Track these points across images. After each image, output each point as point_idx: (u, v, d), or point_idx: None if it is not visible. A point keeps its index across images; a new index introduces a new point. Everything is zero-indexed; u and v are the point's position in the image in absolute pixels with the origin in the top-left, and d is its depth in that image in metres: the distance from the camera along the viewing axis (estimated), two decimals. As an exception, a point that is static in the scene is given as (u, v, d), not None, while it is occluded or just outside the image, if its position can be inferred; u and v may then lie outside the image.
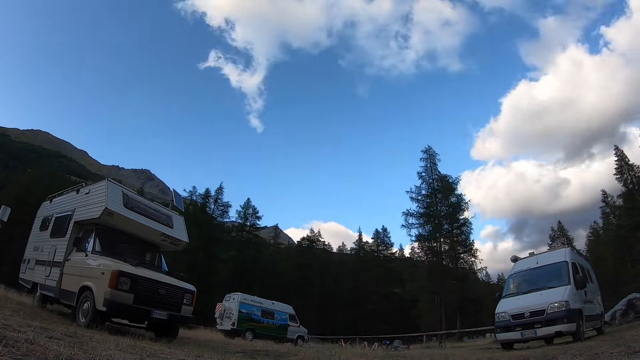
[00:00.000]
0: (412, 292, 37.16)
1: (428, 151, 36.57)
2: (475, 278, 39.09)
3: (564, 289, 8.45)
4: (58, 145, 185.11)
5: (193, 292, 7.39)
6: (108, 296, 5.96)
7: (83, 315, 6.40)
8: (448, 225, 34.38)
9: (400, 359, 8.32)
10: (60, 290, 7.41)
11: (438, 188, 35.33)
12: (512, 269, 10.67)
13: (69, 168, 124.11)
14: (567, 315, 7.94)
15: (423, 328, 30.49)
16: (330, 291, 48.49)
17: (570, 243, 45.63)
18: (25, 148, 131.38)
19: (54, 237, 8.71)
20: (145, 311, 6.40)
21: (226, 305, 18.51)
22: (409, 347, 20.68)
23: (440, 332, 26.00)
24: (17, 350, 2.62)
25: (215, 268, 39.73)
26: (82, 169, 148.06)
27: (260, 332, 17.52)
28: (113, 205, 7.57)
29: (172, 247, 9.16)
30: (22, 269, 9.91)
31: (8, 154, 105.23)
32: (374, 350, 13.02)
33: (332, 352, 7.38)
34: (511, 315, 8.79)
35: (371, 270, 48.00)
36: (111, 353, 3.25)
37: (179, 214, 9.95)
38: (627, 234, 35.37)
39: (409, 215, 35.07)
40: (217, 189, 43.93)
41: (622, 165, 37.63)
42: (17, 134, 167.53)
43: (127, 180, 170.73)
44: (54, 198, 10.01)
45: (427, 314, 34.39)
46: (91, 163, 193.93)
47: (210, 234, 39.39)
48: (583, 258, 12.35)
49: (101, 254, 7.11)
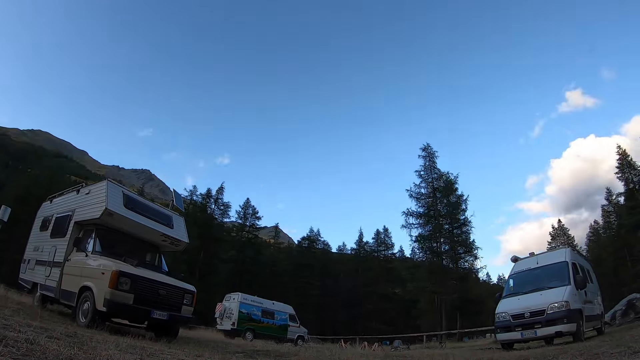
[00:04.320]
0: (413, 292, 37.07)
1: (427, 149, 36.37)
2: (476, 278, 39.06)
3: (564, 289, 8.46)
4: (58, 145, 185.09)
5: (193, 292, 7.38)
6: (108, 296, 5.96)
7: (83, 316, 6.40)
8: (448, 225, 34.34)
9: (400, 359, 8.33)
10: (60, 290, 7.41)
11: (438, 187, 35.28)
12: (512, 269, 10.66)
13: (69, 168, 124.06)
14: (567, 316, 7.94)
15: (423, 328, 30.49)
16: (331, 291, 48.45)
17: (571, 243, 45.65)
18: (26, 148, 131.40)
19: (54, 237, 8.70)
20: (146, 311, 6.39)
21: (226, 305, 18.51)
22: (409, 347, 20.66)
23: (440, 332, 26.00)
24: (17, 350, 2.62)
25: (215, 268, 39.76)
26: (82, 169, 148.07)
27: (261, 332, 17.52)
28: (113, 205, 7.56)
29: (172, 248, 9.16)
30: (22, 269, 9.91)
31: (8, 154, 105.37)
32: (374, 350, 13.03)
33: (332, 352, 7.38)
34: (511, 315, 8.79)
35: (371, 270, 47.98)
36: (111, 353, 3.25)
37: (179, 214, 9.95)
38: (627, 233, 35.31)
39: (408, 215, 35.04)
40: (217, 189, 44.01)
41: (624, 163, 37.46)
42: (17, 134, 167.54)
43: (128, 180, 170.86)
44: (54, 198, 10.01)
45: (427, 314, 34.36)
46: (91, 163, 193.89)
47: (211, 234, 39.38)
48: (583, 258, 12.34)
49: (101, 254, 7.11)
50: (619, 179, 37.89)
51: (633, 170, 36.79)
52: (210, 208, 43.03)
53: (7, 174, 63.27)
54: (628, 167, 37.13)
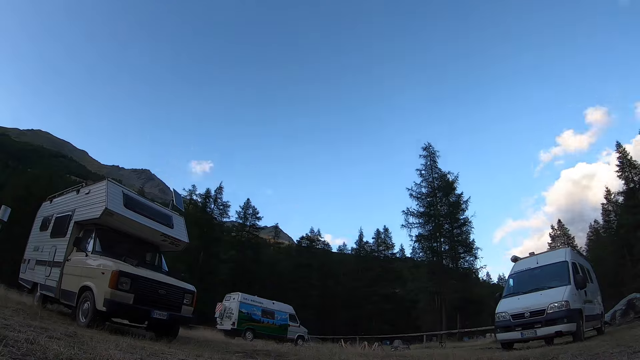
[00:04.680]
0: (413, 292, 37.03)
1: (428, 149, 36.36)
2: (476, 278, 39.02)
3: (564, 289, 8.45)
4: (58, 145, 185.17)
5: (193, 292, 7.39)
6: (108, 296, 5.96)
7: (83, 315, 6.40)
8: (448, 225, 34.33)
9: (400, 359, 8.33)
10: (60, 290, 7.41)
11: (438, 187, 35.26)
12: (512, 269, 10.66)
13: (69, 168, 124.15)
14: (567, 315, 7.95)
15: (423, 328, 30.41)
16: (331, 291, 48.42)
17: (571, 243, 45.64)
18: (26, 148, 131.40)
19: (54, 237, 8.71)
20: (146, 311, 6.40)
21: (226, 305, 18.52)
22: (409, 347, 20.67)
23: (440, 332, 25.97)
24: (17, 350, 2.62)
25: (215, 268, 39.76)
26: (82, 169, 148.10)
27: (261, 332, 17.54)
28: (113, 205, 7.56)
29: (172, 248, 9.16)
30: (22, 269, 9.92)
31: (8, 154, 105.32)
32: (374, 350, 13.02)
33: (333, 352, 7.37)
34: (511, 315, 8.79)
35: (371, 270, 47.94)
36: (111, 353, 3.25)
37: (179, 214, 9.96)
38: (627, 233, 35.25)
39: (409, 214, 35.05)
40: (216, 189, 44.03)
41: (624, 162, 37.34)
42: (18, 134, 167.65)
43: (128, 180, 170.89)
44: (54, 198, 10.01)
45: (427, 314, 34.30)
46: (91, 163, 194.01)
47: (211, 234, 39.41)
48: (583, 258, 12.34)
49: (101, 254, 7.11)
50: (619, 177, 37.78)
51: (634, 170, 36.64)
52: (210, 208, 43.05)
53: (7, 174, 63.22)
54: (629, 165, 36.99)
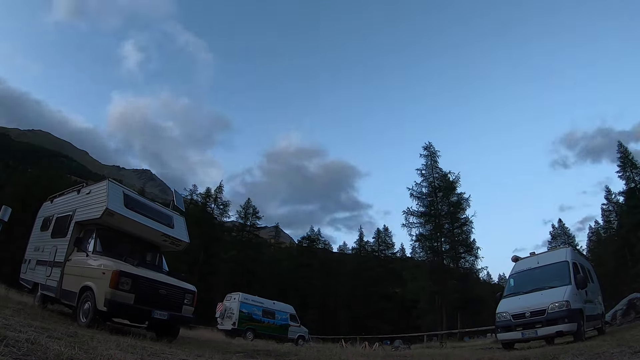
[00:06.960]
0: (413, 292, 37.03)
1: (428, 148, 36.33)
2: (476, 278, 39.02)
3: (564, 289, 8.45)
4: (58, 145, 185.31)
5: (194, 292, 7.39)
6: (109, 296, 5.96)
7: (84, 315, 6.40)
8: (449, 225, 34.31)
9: (401, 358, 8.34)
10: (61, 290, 7.41)
11: (439, 186, 35.25)
12: (512, 269, 10.65)
13: (69, 168, 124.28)
14: (568, 315, 7.94)
15: (424, 328, 30.41)
16: (331, 291, 48.42)
17: (571, 243, 45.60)
18: (26, 148, 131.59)
19: (54, 238, 8.71)
20: (146, 311, 6.40)
21: (227, 305, 18.52)
22: (410, 347, 20.66)
23: (441, 332, 25.97)
24: (18, 350, 2.62)
25: (216, 268, 39.78)
26: (82, 169, 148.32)
27: (261, 332, 17.53)
28: (114, 205, 7.56)
29: (173, 248, 9.15)
30: (22, 269, 9.92)
31: (8, 154, 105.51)
32: (375, 350, 13.04)
33: (333, 352, 7.38)
34: (512, 315, 8.78)
35: (372, 269, 47.95)
36: (112, 353, 3.25)
37: (180, 214, 9.95)
38: (628, 233, 35.23)
39: (409, 214, 35.04)
40: (216, 188, 44.04)
41: (626, 162, 37.25)
42: (18, 134, 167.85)
43: (128, 180, 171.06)
44: (55, 198, 10.00)
45: (427, 313, 34.30)
46: (92, 163, 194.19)
47: (211, 234, 39.41)
48: (584, 258, 12.34)
49: (102, 254, 7.10)
50: (620, 177, 37.70)
51: (635, 169, 36.56)
52: (210, 207, 43.05)
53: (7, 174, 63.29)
54: (630, 165, 36.91)
